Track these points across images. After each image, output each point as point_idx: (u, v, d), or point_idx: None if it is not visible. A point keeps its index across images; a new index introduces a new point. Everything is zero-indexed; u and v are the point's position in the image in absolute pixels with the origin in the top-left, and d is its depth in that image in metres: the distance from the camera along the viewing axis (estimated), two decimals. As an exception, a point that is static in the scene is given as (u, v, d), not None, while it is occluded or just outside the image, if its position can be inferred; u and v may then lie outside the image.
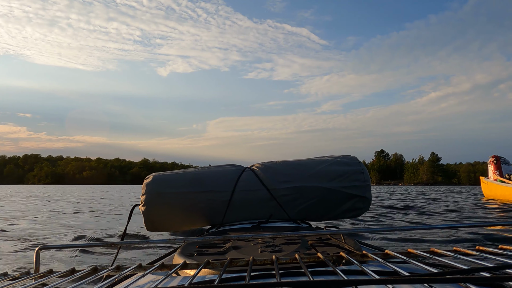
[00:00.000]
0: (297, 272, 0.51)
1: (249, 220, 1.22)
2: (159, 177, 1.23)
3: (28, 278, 0.52)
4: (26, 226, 3.89)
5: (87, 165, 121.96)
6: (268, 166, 1.30)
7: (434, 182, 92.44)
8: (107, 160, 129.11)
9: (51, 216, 5.21)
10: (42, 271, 0.55)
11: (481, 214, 5.12)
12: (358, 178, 1.23)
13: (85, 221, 4.52)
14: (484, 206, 6.71)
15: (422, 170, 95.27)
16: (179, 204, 1.19)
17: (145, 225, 1.22)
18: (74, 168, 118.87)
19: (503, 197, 10.87)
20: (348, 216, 1.28)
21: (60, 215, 5.42)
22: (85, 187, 44.07)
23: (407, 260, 0.49)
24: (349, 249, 0.66)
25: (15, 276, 0.53)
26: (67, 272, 0.54)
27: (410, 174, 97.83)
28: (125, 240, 0.89)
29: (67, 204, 8.35)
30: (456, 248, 0.55)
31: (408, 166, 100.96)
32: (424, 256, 0.52)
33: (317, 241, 0.75)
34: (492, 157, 12.19)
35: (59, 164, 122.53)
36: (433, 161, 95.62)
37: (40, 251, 0.64)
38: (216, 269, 0.56)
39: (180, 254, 0.69)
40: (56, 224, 4.12)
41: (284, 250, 0.68)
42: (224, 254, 0.68)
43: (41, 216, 5.17)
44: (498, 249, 0.52)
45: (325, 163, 1.27)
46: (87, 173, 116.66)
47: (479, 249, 0.54)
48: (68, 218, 4.87)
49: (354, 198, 1.23)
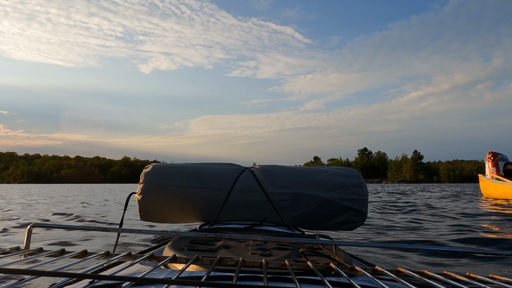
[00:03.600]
0: (285, 278, 0.51)
1: (243, 221, 1.22)
2: (158, 168, 1.23)
3: (17, 254, 0.52)
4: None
5: (65, 163, 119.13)
6: (268, 169, 1.29)
7: (416, 180, 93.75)
8: (87, 159, 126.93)
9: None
10: (32, 249, 0.55)
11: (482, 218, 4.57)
12: (356, 191, 1.22)
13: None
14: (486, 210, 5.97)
15: (405, 168, 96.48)
16: (175, 196, 1.19)
17: (139, 214, 1.22)
18: (52, 166, 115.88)
19: (501, 195, 10.22)
20: (342, 229, 1.25)
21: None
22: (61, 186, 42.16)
23: (396, 278, 0.49)
24: (339, 261, 0.66)
25: (5, 250, 0.53)
26: (56, 253, 0.54)
27: (393, 172, 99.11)
28: (117, 227, 0.82)
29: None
30: (446, 272, 0.54)
31: (391, 164, 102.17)
32: (414, 277, 0.51)
33: (308, 250, 0.74)
34: (489, 153, 11.58)
35: (36, 163, 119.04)
36: (416, 159, 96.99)
37: (32, 228, 0.64)
38: (205, 266, 0.56)
39: (170, 247, 0.69)
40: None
41: (275, 255, 0.68)
42: (215, 252, 0.68)
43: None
44: (488, 278, 0.51)
45: (325, 173, 1.26)
46: (65, 171, 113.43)
47: (470, 275, 0.53)
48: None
49: (350, 211, 1.21)
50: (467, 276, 0.52)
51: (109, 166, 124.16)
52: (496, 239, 3.57)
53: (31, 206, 6.36)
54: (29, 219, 3.99)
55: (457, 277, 0.52)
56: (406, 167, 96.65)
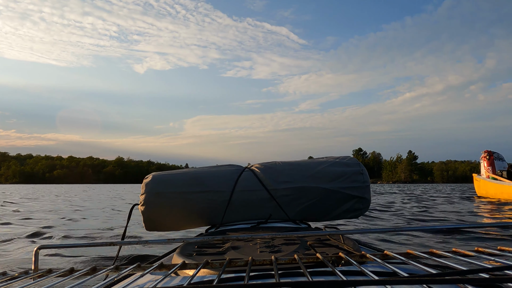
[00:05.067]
0: (296, 273, 0.51)
1: (249, 220, 1.22)
2: (158, 177, 1.23)
3: (27, 278, 0.51)
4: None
5: (58, 163, 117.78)
6: (268, 166, 1.30)
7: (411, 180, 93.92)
8: (80, 159, 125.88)
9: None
10: (41, 271, 0.54)
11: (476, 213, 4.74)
12: (357, 179, 1.23)
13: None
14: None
15: (400, 168, 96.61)
16: (178, 204, 1.19)
17: (144, 225, 1.22)
18: (44, 167, 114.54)
19: (496, 195, 9.92)
20: (348, 217, 1.27)
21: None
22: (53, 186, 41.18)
23: (406, 261, 0.50)
24: (348, 249, 0.66)
25: (14, 275, 0.52)
26: (66, 272, 0.53)
27: (388, 172, 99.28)
28: (125, 240, 0.86)
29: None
30: (455, 249, 0.55)
31: (386, 164, 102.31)
32: (423, 257, 0.52)
33: (316, 242, 0.75)
34: (484, 152, 11.26)
35: (28, 163, 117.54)
36: (410, 159, 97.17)
37: (39, 250, 0.63)
38: (215, 269, 0.56)
39: (179, 254, 0.69)
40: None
41: (283, 251, 0.68)
42: (223, 254, 0.68)
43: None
44: (497, 250, 0.52)
45: (325, 164, 1.27)
46: (58, 172, 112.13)
47: (478, 250, 0.54)
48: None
49: (354, 199, 1.23)
50: (475, 251, 0.53)
51: (103, 166, 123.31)
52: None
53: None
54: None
55: (466, 253, 0.52)
56: (401, 168, 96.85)
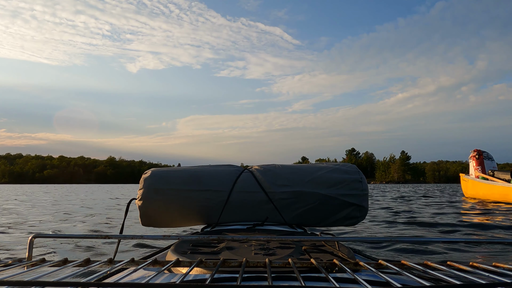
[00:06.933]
0: (290, 277, 0.51)
1: (245, 221, 1.22)
2: (157, 173, 1.23)
3: (20, 266, 0.51)
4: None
5: (48, 163, 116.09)
6: (267, 169, 1.30)
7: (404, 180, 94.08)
8: (71, 159, 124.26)
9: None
10: (35, 260, 0.55)
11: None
12: (356, 186, 1.22)
13: None
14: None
15: (393, 168, 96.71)
16: (176, 201, 1.19)
17: (140, 220, 1.22)
18: (34, 166, 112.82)
19: (485, 196, 9.47)
20: (344, 224, 1.26)
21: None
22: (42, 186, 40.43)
23: (400, 271, 0.49)
24: (343, 257, 0.65)
25: (7, 263, 0.52)
26: (60, 262, 0.53)
27: (381, 172, 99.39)
28: (120, 234, 0.83)
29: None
30: (450, 263, 0.55)
31: (379, 164, 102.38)
32: (417, 269, 0.52)
33: (311, 247, 0.74)
34: (473, 151, 10.83)
35: (17, 163, 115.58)
36: (403, 159, 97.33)
37: (33, 239, 0.63)
38: (209, 269, 0.56)
39: (173, 251, 0.69)
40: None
41: (278, 254, 0.68)
42: (218, 254, 0.68)
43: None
44: (491, 266, 0.51)
45: (324, 170, 1.27)
46: (48, 172, 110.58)
47: (473, 265, 0.53)
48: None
49: (351, 207, 1.22)
50: (470, 265, 0.52)
51: (94, 166, 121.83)
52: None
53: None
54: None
55: (460, 267, 0.52)
56: (394, 168, 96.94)
